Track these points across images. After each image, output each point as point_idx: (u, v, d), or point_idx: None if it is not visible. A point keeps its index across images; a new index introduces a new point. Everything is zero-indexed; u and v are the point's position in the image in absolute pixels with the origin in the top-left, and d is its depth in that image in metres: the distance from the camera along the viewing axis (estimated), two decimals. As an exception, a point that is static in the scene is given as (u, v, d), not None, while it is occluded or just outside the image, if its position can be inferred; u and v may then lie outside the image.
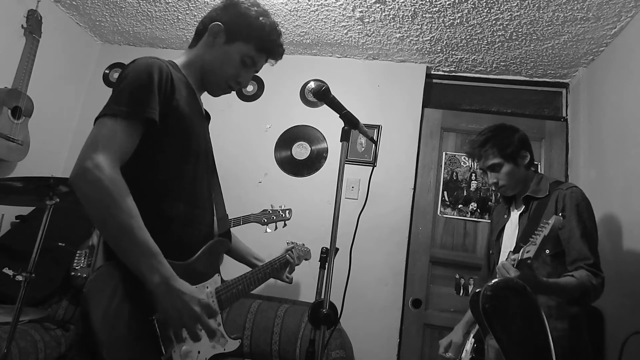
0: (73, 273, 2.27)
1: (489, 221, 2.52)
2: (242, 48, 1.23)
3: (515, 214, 1.79)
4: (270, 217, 2.21)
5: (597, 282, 1.49)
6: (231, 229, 1.45)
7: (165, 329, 1.01)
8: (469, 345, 1.74)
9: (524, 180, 1.76)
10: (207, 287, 1.19)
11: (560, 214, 1.32)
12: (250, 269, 1.44)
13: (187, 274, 1.06)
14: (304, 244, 1.85)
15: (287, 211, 2.24)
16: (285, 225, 2.24)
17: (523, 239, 1.61)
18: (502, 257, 1.77)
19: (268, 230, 2.21)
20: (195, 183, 1.19)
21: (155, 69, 1.07)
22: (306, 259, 1.81)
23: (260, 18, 1.23)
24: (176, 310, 0.96)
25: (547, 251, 1.57)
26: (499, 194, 2.00)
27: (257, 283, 1.41)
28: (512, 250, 1.67)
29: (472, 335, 1.76)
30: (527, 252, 1.35)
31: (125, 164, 1.01)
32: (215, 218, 1.31)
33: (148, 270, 0.95)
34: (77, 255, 2.31)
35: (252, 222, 2.20)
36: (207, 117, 1.35)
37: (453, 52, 2.72)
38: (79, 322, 0.95)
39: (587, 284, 1.47)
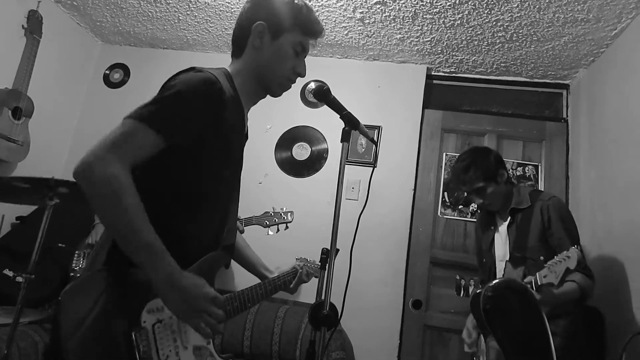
0: (72, 274, 2.27)
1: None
2: (290, 38, 1.19)
3: (503, 226, 1.95)
4: (272, 219, 2.20)
5: (591, 282, 1.66)
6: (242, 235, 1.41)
7: (145, 345, 0.97)
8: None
9: (505, 195, 1.92)
10: None
11: (576, 247, 1.47)
12: (249, 286, 1.38)
13: None
14: (314, 261, 1.82)
15: (289, 213, 2.23)
16: (287, 227, 2.23)
17: (516, 249, 1.82)
18: (499, 266, 1.93)
19: (270, 232, 2.20)
20: (217, 203, 1.16)
21: (206, 88, 1.02)
22: (316, 277, 1.69)
23: (295, 1, 1.20)
24: (181, 306, 0.94)
25: (542, 258, 1.69)
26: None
27: (256, 300, 1.35)
28: (508, 260, 1.84)
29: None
30: (544, 277, 1.47)
31: (153, 174, 1.00)
32: (224, 232, 1.26)
33: (151, 267, 0.93)
34: (76, 255, 2.31)
35: (254, 224, 2.19)
36: (247, 134, 1.30)
37: (453, 53, 2.72)
38: (52, 329, 0.93)
39: (585, 286, 1.63)
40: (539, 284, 1.48)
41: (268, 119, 2.93)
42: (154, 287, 0.95)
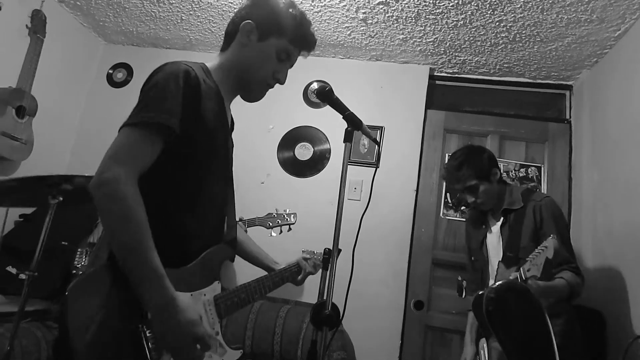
0: (74, 271, 2.28)
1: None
2: (276, 43, 1.19)
3: (496, 226, 1.96)
4: (275, 220, 2.21)
5: (580, 280, 1.69)
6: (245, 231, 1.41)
7: (153, 337, 0.97)
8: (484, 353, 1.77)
9: (498, 195, 1.93)
10: (205, 295, 1.14)
11: (552, 236, 1.48)
12: (256, 278, 1.39)
13: (181, 280, 1.03)
14: (320, 253, 1.82)
15: (292, 215, 2.23)
16: (290, 229, 2.23)
17: (509, 249, 1.83)
18: (492, 265, 1.93)
19: (273, 234, 2.20)
20: (210, 196, 1.16)
21: (182, 77, 1.04)
22: (322, 269, 1.71)
23: (290, 10, 1.21)
24: (169, 338, 0.93)
25: None
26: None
27: (263, 292, 1.35)
28: (500, 260, 1.84)
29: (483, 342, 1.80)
30: (528, 271, 1.49)
31: (146, 174, 1.00)
32: (224, 228, 1.27)
33: (147, 291, 0.92)
34: (78, 253, 2.32)
35: (257, 225, 2.20)
36: (232, 125, 1.31)
37: (456, 54, 2.71)
38: (59, 327, 0.94)
39: (574, 283, 1.66)
40: (524, 277, 1.50)
41: (270, 119, 2.93)
42: (145, 308, 0.94)
